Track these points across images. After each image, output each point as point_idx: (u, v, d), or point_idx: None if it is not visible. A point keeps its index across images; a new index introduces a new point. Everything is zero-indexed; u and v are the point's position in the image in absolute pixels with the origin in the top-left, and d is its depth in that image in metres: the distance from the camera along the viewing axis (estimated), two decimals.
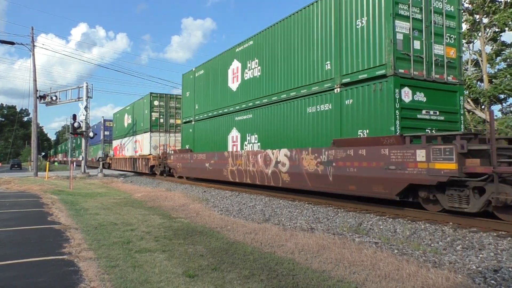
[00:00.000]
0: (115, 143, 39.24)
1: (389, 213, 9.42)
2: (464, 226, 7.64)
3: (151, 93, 27.92)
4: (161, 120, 28.11)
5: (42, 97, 31.04)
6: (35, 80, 29.33)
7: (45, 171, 28.17)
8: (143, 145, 28.96)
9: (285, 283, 4.82)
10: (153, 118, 27.89)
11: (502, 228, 7.25)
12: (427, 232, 7.41)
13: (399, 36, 9.29)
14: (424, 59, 9.74)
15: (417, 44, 9.61)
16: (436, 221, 8.25)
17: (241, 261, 5.73)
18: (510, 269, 5.22)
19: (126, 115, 34.72)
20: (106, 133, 43.49)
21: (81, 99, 31.31)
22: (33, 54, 29.27)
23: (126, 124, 34.42)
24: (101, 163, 33.21)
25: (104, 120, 44.70)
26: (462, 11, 10.72)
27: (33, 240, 7.22)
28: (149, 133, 27.57)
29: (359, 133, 10.02)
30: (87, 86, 31.02)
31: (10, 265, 5.60)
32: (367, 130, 9.78)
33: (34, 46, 29.36)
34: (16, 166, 59.06)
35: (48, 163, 40.61)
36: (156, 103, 27.98)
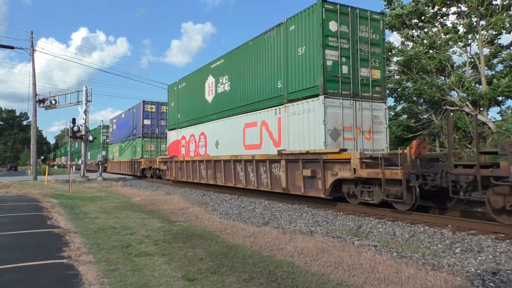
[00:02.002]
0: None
1: (388, 216, 9.43)
2: (463, 229, 7.66)
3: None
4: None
5: (42, 101, 31.04)
6: (34, 84, 29.35)
7: (45, 174, 28.15)
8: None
9: (285, 286, 4.83)
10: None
11: (501, 230, 7.28)
12: (426, 235, 7.43)
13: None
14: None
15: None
16: (435, 223, 8.27)
17: (240, 265, 5.74)
18: (508, 271, 5.23)
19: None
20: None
21: (80, 103, 31.33)
22: (33, 59, 29.31)
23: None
24: (100, 166, 33.18)
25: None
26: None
27: (32, 244, 7.22)
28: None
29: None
30: (86, 90, 31.05)
31: (10, 269, 5.60)
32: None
33: (33, 50, 29.41)
34: (12, 168, 74.75)
35: (47, 167, 40.58)
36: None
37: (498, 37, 21.90)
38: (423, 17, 23.59)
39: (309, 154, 10.96)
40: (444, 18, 23.79)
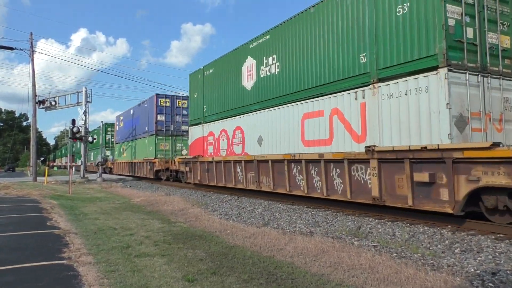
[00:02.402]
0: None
1: (388, 216, 9.44)
2: (463, 229, 7.67)
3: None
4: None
5: (41, 102, 31.06)
6: (34, 85, 29.36)
7: (44, 176, 28.15)
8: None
9: (284, 287, 4.83)
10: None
11: (501, 231, 7.28)
12: (425, 235, 7.44)
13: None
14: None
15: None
16: (434, 224, 8.28)
17: (240, 265, 5.75)
18: (508, 271, 5.24)
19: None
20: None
21: (80, 104, 31.35)
22: (32, 59, 29.34)
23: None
24: (100, 167, 33.18)
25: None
26: None
27: (32, 245, 7.23)
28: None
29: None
30: (86, 91, 31.07)
31: (10, 270, 5.61)
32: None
33: (33, 51, 29.43)
34: (10, 169, 77.35)
35: (47, 168, 40.54)
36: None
37: None
38: None
39: (427, 151, 7.81)
40: None
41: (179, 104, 27.66)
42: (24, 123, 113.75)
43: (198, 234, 8.19)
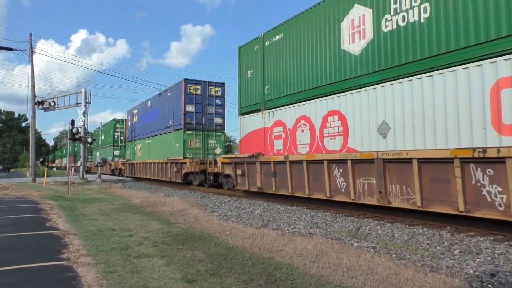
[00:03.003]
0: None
1: (387, 217, 9.44)
2: (462, 231, 7.68)
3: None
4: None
5: (41, 102, 31.05)
6: (33, 86, 29.34)
7: (43, 176, 28.12)
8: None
9: None
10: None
11: (500, 232, 7.29)
12: (425, 237, 7.44)
13: None
14: None
15: None
16: (433, 225, 8.29)
17: (239, 266, 5.75)
18: (507, 273, 5.24)
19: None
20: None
21: (79, 104, 31.37)
22: (32, 60, 29.30)
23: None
24: (99, 168, 33.15)
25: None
26: None
27: (31, 246, 7.22)
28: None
29: None
30: (85, 91, 31.08)
31: (9, 271, 5.60)
32: None
33: (32, 52, 29.41)
34: (5, 170, 77.43)
35: (46, 168, 40.48)
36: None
37: None
38: None
39: None
40: None
41: (212, 92, 22.45)
42: (24, 124, 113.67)
43: (197, 235, 8.19)
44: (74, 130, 29.84)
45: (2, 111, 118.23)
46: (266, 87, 14.18)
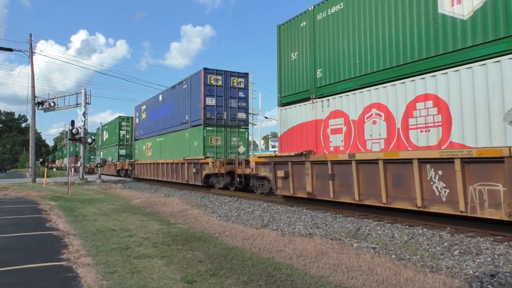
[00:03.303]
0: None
1: (387, 218, 9.44)
2: (462, 231, 7.67)
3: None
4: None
5: (40, 103, 31.09)
6: (33, 87, 29.36)
7: (43, 177, 28.13)
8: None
9: None
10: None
11: (500, 232, 7.29)
12: (424, 237, 7.44)
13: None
14: None
15: None
16: (433, 226, 8.28)
17: (239, 267, 5.75)
18: (507, 273, 5.25)
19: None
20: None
21: (79, 105, 31.41)
22: (32, 61, 29.32)
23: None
24: (99, 169, 33.16)
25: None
26: None
27: (31, 246, 7.22)
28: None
29: None
30: (85, 92, 31.11)
31: (9, 271, 5.60)
32: None
33: (32, 52, 29.43)
34: (2, 170, 77.94)
35: (46, 169, 40.44)
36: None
37: None
38: None
39: None
40: None
41: (234, 83, 19.66)
42: (23, 125, 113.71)
43: (197, 236, 8.19)
44: (74, 131, 29.85)
45: (2, 111, 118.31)
46: (318, 70, 11.61)
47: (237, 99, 19.82)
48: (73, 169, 43.49)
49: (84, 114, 30.85)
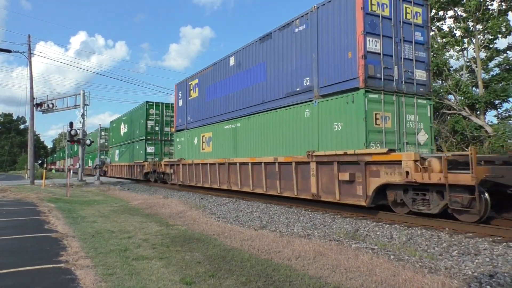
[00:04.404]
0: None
1: (386, 219, 9.45)
2: (460, 232, 7.69)
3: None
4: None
5: (39, 104, 31.07)
6: (31, 88, 29.32)
7: (42, 179, 28.08)
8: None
9: None
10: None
11: (498, 233, 7.31)
12: (423, 238, 7.45)
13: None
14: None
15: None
16: (432, 226, 8.30)
17: (238, 268, 5.75)
18: (505, 274, 5.26)
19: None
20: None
21: (78, 106, 31.37)
22: (30, 62, 29.29)
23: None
24: (97, 170, 33.13)
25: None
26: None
27: (30, 249, 7.21)
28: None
29: None
30: (84, 93, 31.09)
31: (7, 273, 5.59)
32: None
33: (31, 54, 29.41)
34: None
35: (45, 170, 40.38)
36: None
37: (494, 41, 22.09)
38: None
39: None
40: (441, 22, 23.94)
41: (408, 16, 11.01)
42: (22, 126, 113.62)
43: (196, 237, 8.19)
44: (72, 132, 29.79)
45: (0, 113, 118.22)
46: None
47: (413, 44, 11.05)
48: (71, 171, 43.21)
49: (83, 115, 30.82)
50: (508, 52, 22.42)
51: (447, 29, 23.40)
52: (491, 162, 7.91)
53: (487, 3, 21.15)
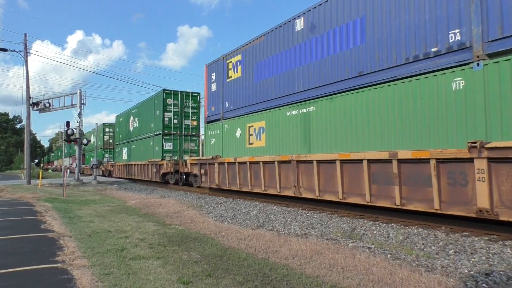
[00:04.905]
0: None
1: (383, 218, 9.48)
2: (456, 231, 7.72)
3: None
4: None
5: (35, 104, 30.90)
6: (28, 87, 29.17)
7: (38, 178, 27.98)
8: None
9: None
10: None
11: (494, 232, 7.34)
12: (420, 237, 7.48)
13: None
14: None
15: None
16: (429, 225, 8.33)
17: (235, 267, 5.75)
18: (501, 272, 5.28)
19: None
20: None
21: (74, 105, 31.26)
22: (26, 61, 29.13)
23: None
24: (94, 170, 33.04)
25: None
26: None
27: (26, 249, 7.18)
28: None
29: None
30: (80, 92, 30.97)
31: (3, 274, 5.56)
32: None
33: (27, 53, 29.26)
34: None
35: (41, 170, 40.23)
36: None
37: None
38: None
39: None
40: None
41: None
42: (18, 125, 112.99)
43: (193, 237, 8.18)
44: (69, 132, 29.69)
45: None
46: None
47: None
48: (68, 170, 43.06)
49: (80, 115, 30.72)
50: None
51: None
52: None
53: None
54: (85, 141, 31.58)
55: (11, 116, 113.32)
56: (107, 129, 41.23)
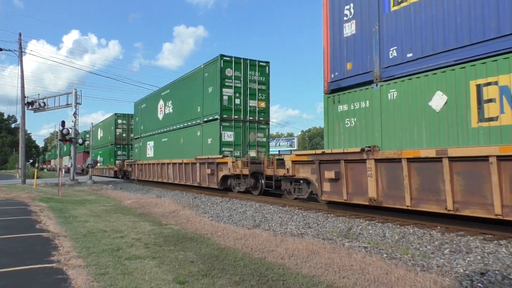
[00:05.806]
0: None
1: (379, 217, 9.50)
2: (452, 230, 7.75)
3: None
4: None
5: (30, 103, 30.77)
6: (23, 87, 29.02)
7: (33, 178, 27.83)
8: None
9: None
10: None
11: (489, 231, 7.38)
12: (415, 236, 7.50)
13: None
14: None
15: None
16: (424, 225, 8.35)
17: (231, 267, 5.74)
18: (496, 272, 5.30)
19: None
20: None
21: (70, 105, 31.13)
22: (21, 61, 28.97)
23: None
24: (90, 169, 32.89)
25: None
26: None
27: (21, 249, 7.13)
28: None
29: None
30: (76, 92, 30.84)
31: None
32: None
33: (22, 52, 29.10)
34: None
35: (36, 170, 39.98)
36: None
37: None
38: None
39: None
40: None
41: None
42: (13, 125, 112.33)
43: (189, 236, 8.16)
44: (64, 131, 29.56)
45: None
46: None
47: None
48: (63, 171, 42.73)
49: (75, 114, 30.59)
50: None
51: None
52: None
53: None
54: (80, 140, 31.44)
55: (6, 116, 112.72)
56: (119, 121, 34.28)
